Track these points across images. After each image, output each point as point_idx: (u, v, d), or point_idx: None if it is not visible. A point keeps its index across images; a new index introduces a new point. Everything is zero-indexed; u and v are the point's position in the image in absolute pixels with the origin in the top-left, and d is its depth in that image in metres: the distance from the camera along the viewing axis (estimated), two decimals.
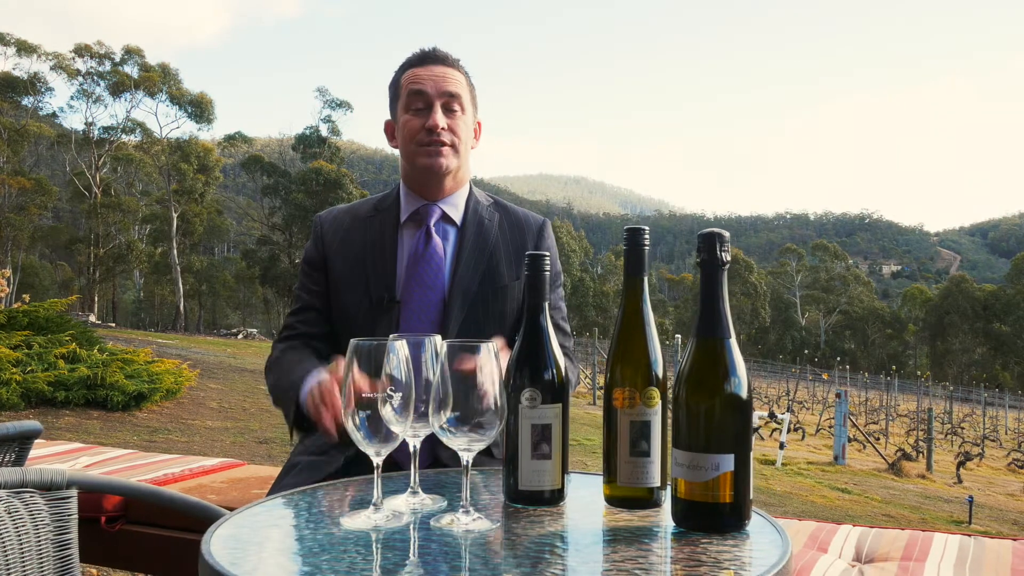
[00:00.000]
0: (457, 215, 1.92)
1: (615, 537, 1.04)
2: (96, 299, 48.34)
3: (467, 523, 1.06)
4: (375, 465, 1.10)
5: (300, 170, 49.30)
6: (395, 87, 1.92)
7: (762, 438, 15.88)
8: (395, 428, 1.08)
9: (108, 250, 48.09)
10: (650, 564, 0.93)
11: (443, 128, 1.82)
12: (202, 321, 56.93)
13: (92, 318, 36.27)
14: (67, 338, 10.23)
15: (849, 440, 15.82)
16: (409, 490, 1.17)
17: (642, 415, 1.13)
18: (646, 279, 1.17)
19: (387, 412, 1.07)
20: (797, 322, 78.81)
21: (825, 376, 39.50)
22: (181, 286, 49.16)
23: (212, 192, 52.33)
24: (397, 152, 1.96)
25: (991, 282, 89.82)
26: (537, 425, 1.14)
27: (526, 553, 0.97)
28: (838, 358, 54.94)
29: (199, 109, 45.97)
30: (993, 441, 26.25)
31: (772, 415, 15.85)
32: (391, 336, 1.10)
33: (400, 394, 1.06)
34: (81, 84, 45.65)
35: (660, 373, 1.15)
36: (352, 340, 1.08)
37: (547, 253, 1.20)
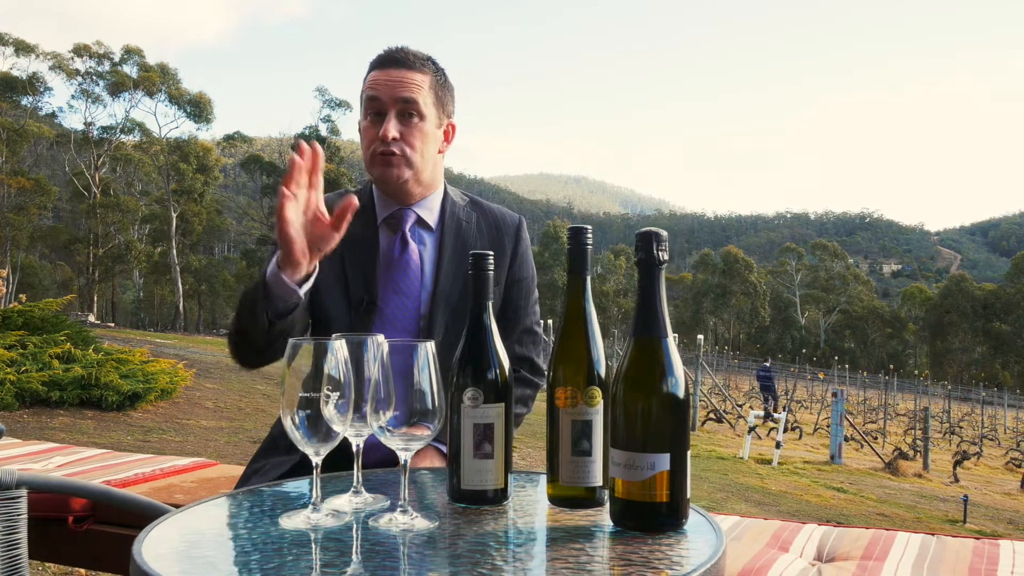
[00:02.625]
0: (432, 219, 1.89)
1: (551, 537, 1.04)
2: (95, 299, 48.36)
3: (404, 523, 1.06)
4: (314, 465, 1.10)
5: None
6: (361, 89, 1.88)
7: (759, 437, 15.86)
8: (336, 427, 1.08)
9: (107, 250, 48.15)
10: (579, 564, 0.93)
11: (394, 138, 1.76)
12: (202, 321, 56.97)
13: (91, 318, 36.27)
14: (62, 338, 10.24)
15: (846, 439, 15.80)
16: (352, 490, 1.17)
17: (583, 414, 1.13)
18: (588, 278, 1.18)
19: (329, 411, 1.07)
20: (797, 321, 78.79)
21: (821, 375, 39.46)
22: (180, 286, 49.21)
23: (211, 192, 52.37)
24: None
25: (991, 281, 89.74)
26: (479, 424, 1.14)
27: (457, 552, 0.97)
28: (836, 357, 54.89)
29: (198, 109, 46.02)
30: (992, 440, 26.22)
31: (768, 414, 15.83)
32: (333, 335, 1.11)
33: (338, 393, 1.06)
34: (80, 84, 45.71)
35: (602, 372, 1.15)
36: (291, 340, 1.08)
37: (490, 253, 1.20)
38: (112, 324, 39.01)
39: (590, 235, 1.17)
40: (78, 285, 49.53)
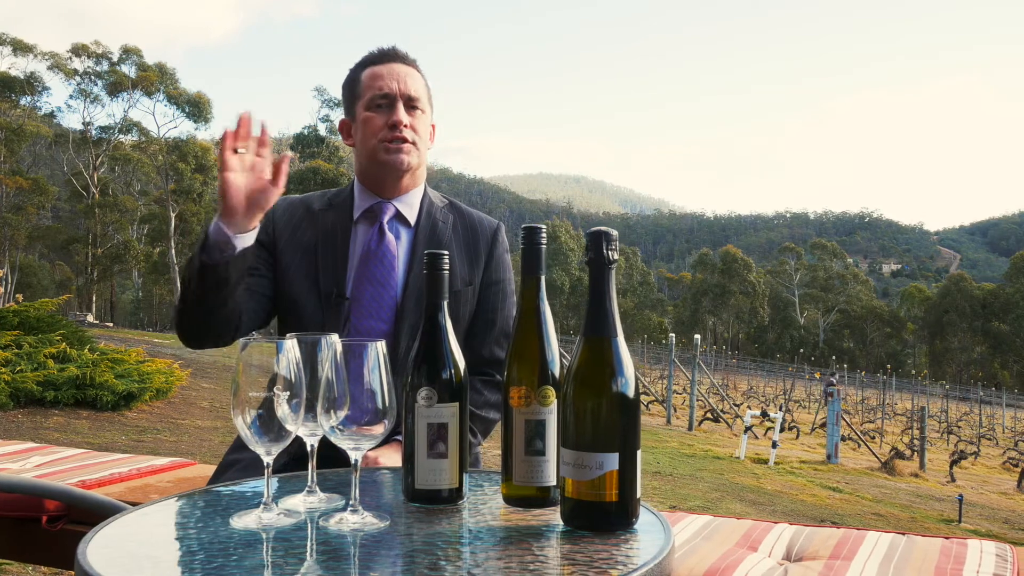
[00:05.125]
0: (411, 214, 1.90)
1: (500, 536, 1.04)
2: (94, 299, 48.38)
3: (355, 522, 1.06)
4: (266, 464, 1.10)
5: (298, 169, 49.36)
6: (353, 85, 1.90)
7: (756, 437, 15.87)
8: (289, 427, 1.08)
9: (106, 250, 48.14)
10: (524, 564, 0.93)
11: (406, 125, 1.82)
12: None
13: (90, 318, 36.30)
14: (58, 338, 10.24)
15: (843, 439, 15.79)
16: (306, 489, 1.17)
17: (537, 414, 1.13)
18: (543, 278, 1.18)
19: (282, 411, 1.07)
20: (796, 321, 78.76)
21: (818, 375, 39.40)
22: (179, 286, 49.20)
23: (210, 192, 52.35)
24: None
25: (991, 281, 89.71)
26: (433, 424, 1.14)
27: (403, 552, 0.97)
28: (835, 357, 54.85)
29: (196, 108, 46.01)
30: (989, 440, 26.22)
31: (764, 414, 15.84)
32: (288, 335, 1.11)
33: (288, 393, 1.06)
34: (79, 84, 45.71)
35: (556, 372, 1.15)
36: (241, 340, 1.08)
37: (445, 252, 1.20)
38: (111, 324, 39.01)
39: (544, 235, 1.17)
40: (77, 285, 49.57)
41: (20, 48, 43.70)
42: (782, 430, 15.01)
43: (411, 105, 1.84)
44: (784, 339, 75.85)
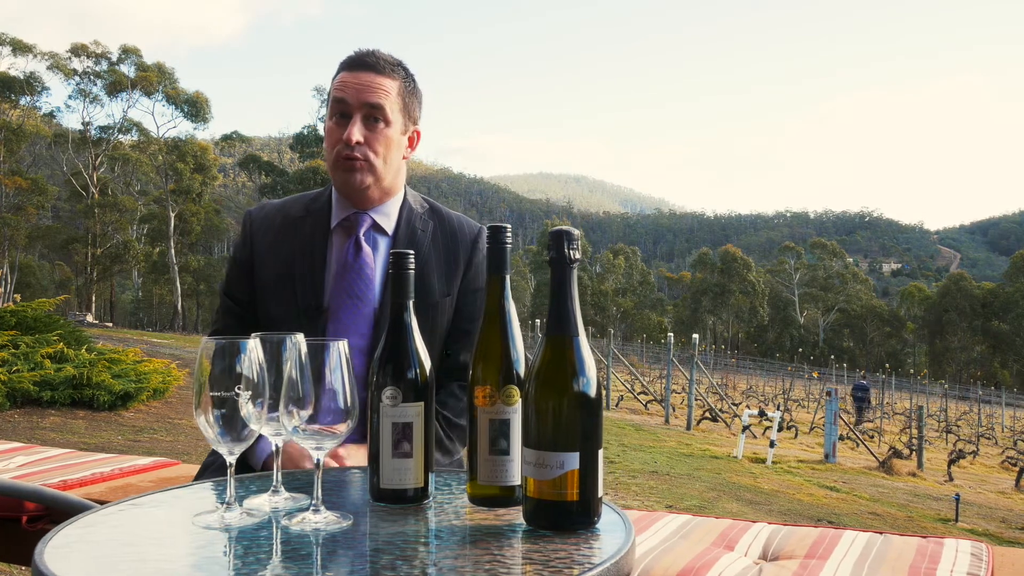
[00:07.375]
0: (388, 224, 1.87)
1: (461, 536, 1.04)
2: (93, 299, 48.40)
3: (316, 522, 1.06)
4: (228, 464, 1.10)
5: (298, 169, 49.40)
6: (331, 88, 1.86)
7: (754, 436, 15.87)
8: (253, 426, 1.08)
9: (105, 249, 48.14)
10: (480, 563, 0.93)
11: (357, 142, 1.75)
12: (200, 320, 56.97)
13: (89, 318, 36.33)
14: (55, 338, 10.24)
15: (841, 438, 15.79)
16: (271, 489, 1.17)
17: (501, 413, 1.13)
18: (507, 277, 1.17)
19: (246, 410, 1.07)
20: (796, 320, 78.71)
21: (815, 375, 39.34)
22: (179, 285, 49.24)
23: (210, 192, 52.40)
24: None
25: (991, 280, 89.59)
26: (398, 423, 1.14)
27: (361, 552, 0.97)
28: (834, 356, 54.80)
29: (195, 108, 46.02)
30: (988, 439, 26.20)
31: (762, 413, 15.84)
32: (253, 335, 1.11)
33: (250, 392, 1.06)
34: (78, 84, 45.73)
35: (521, 372, 1.15)
36: (204, 339, 1.08)
37: (411, 252, 1.20)
38: (110, 324, 39.03)
39: (509, 235, 1.17)
40: (76, 285, 49.61)
41: (20, 48, 43.69)
42: (780, 429, 15.01)
43: (371, 118, 1.76)
44: (784, 338, 75.80)
